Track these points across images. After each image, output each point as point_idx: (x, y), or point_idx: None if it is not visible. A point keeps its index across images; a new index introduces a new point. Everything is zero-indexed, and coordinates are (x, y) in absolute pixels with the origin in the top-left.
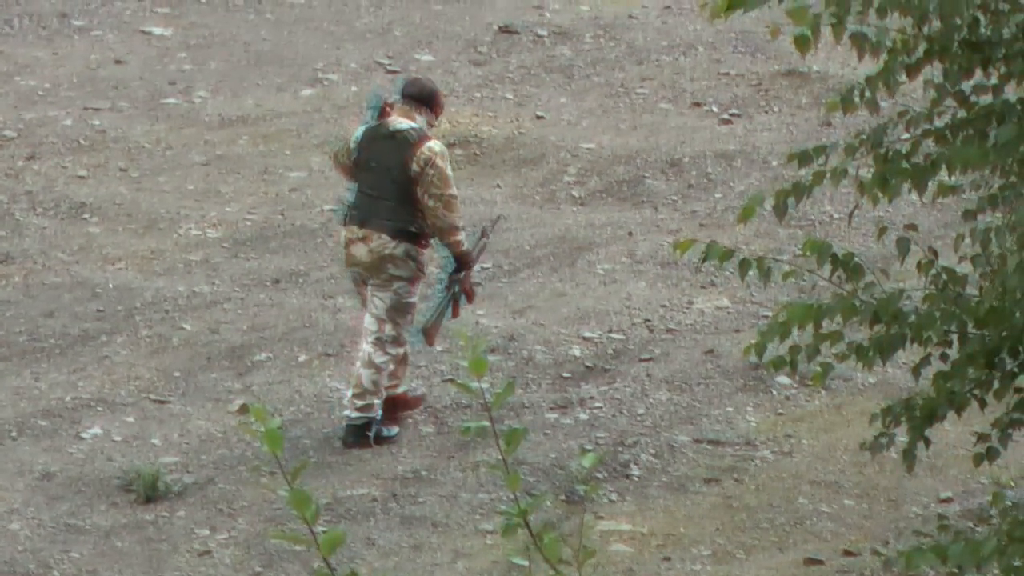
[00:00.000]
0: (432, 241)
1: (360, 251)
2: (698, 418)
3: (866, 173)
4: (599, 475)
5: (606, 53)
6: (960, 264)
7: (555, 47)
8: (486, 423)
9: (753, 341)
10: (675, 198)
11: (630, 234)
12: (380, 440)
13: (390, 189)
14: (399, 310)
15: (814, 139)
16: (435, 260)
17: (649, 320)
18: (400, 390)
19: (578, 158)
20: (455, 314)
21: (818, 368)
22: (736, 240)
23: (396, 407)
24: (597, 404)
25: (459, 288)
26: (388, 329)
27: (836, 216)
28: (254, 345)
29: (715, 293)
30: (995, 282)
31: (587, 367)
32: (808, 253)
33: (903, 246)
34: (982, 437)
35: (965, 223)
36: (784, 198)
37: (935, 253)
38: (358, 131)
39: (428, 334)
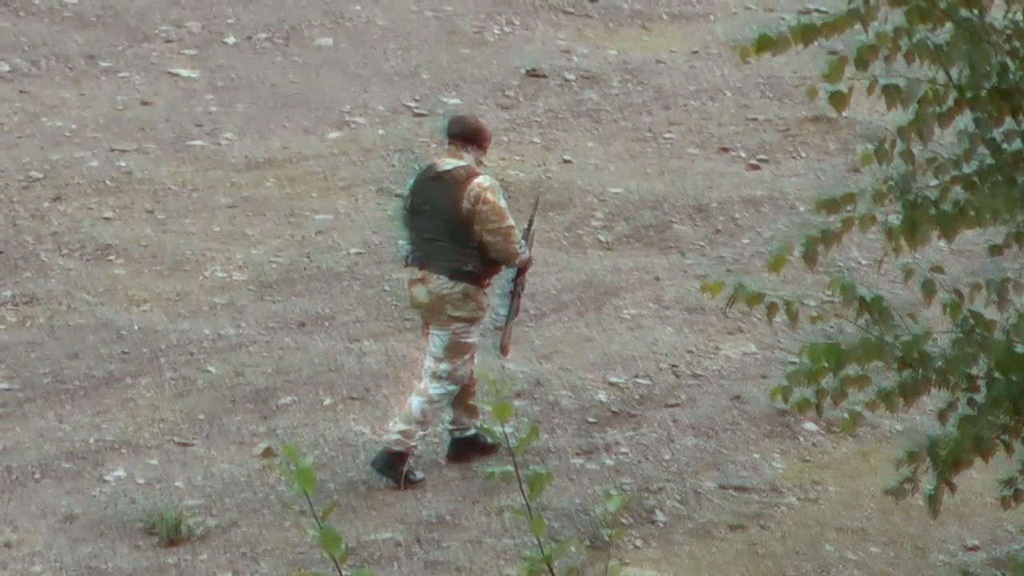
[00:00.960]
0: (491, 279)
1: (420, 292)
2: (724, 464)
3: (894, 219)
4: (624, 521)
5: (633, 97)
6: (987, 308)
7: (582, 91)
8: (510, 468)
9: (780, 385)
10: (702, 243)
11: (657, 279)
12: (408, 482)
13: (444, 230)
14: (455, 350)
15: (842, 184)
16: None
17: (675, 366)
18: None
19: (605, 202)
20: (516, 312)
21: (845, 413)
22: (763, 287)
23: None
24: (623, 449)
25: (520, 288)
26: (443, 365)
27: (864, 262)
28: (279, 388)
29: (742, 339)
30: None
31: (613, 412)
32: (834, 293)
33: (929, 289)
34: (1008, 482)
35: (991, 257)
36: (814, 246)
37: (961, 296)
38: (409, 179)
39: (502, 348)
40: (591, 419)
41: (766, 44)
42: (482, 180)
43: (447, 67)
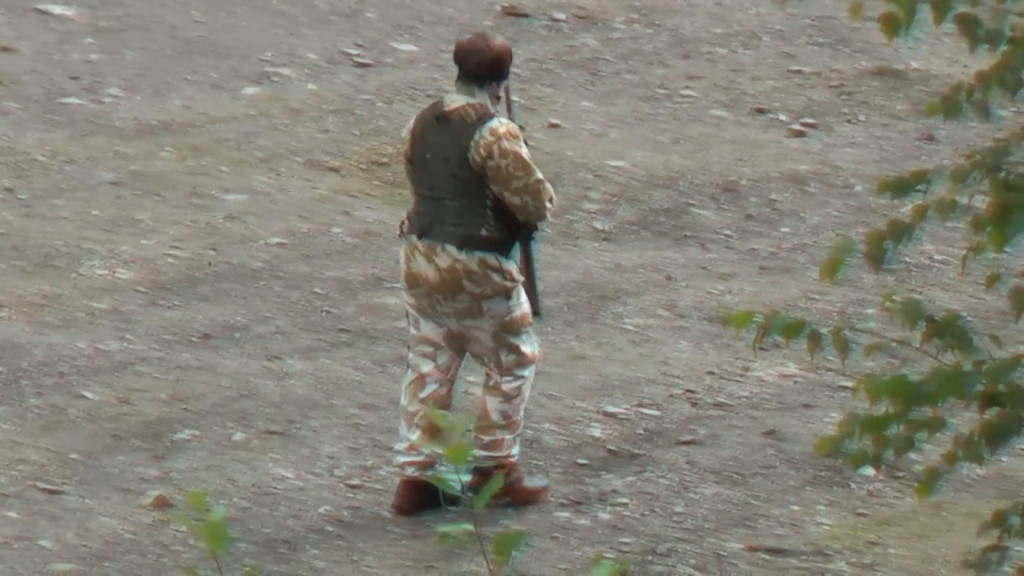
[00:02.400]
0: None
1: (424, 267)
2: (755, 519)
3: (980, 204)
4: None
5: (643, 44)
6: None
7: (576, 35)
8: (469, 526)
9: (826, 435)
10: (729, 233)
11: (669, 279)
12: (525, 495)
13: (452, 186)
14: (508, 330)
15: (912, 158)
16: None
17: (693, 392)
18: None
19: (604, 179)
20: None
21: (914, 465)
22: (808, 288)
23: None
24: (622, 500)
25: (530, 234)
26: (505, 355)
27: (938, 258)
28: (176, 420)
29: (779, 357)
30: None
31: (610, 451)
32: (895, 314)
33: (1019, 298)
34: None
35: None
36: (879, 241)
37: None
38: (410, 121)
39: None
40: (582, 460)
41: None
42: (495, 124)
43: (400, 4)
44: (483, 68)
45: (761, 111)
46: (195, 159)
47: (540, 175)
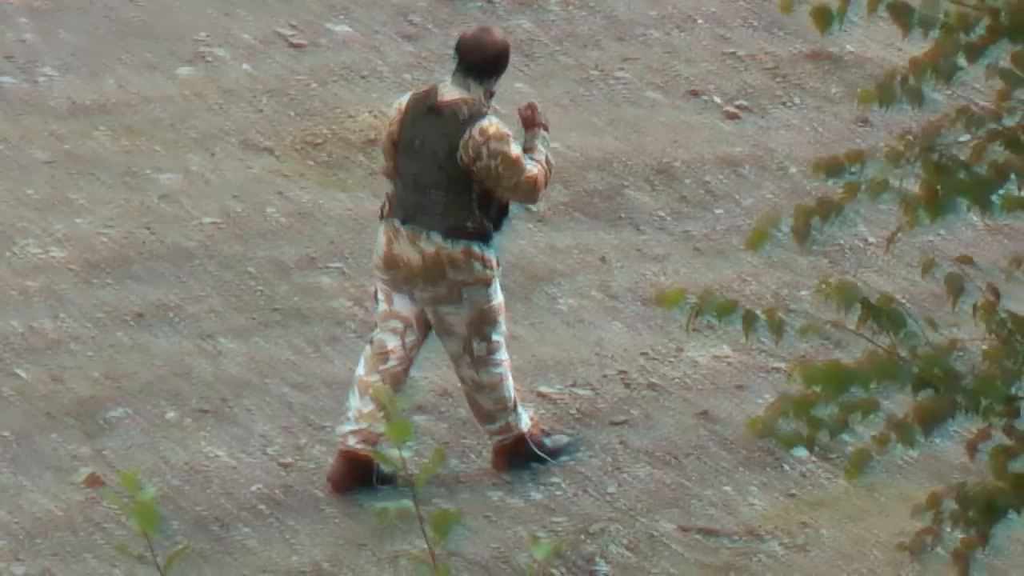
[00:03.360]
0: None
1: (407, 252)
2: (687, 500)
3: (913, 186)
4: (556, 573)
5: (577, 26)
6: None
7: (511, 17)
8: (408, 503)
9: (758, 415)
10: (663, 215)
11: (603, 260)
12: (548, 452)
13: (438, 178)
14: (483, 320)
15: (847, 141)
16: None
17: (626, 373)
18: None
19: None
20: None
21: (847, 447)
22: (743, 270)
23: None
24: (555, 479)
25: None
26: (477, 344)
27: (872, 241)
28: (109, 398)
29: (712, 339)
30: None
31: (543, 432)
32: (830, 296)
33: (955, 284)
34: None
35: None
36: (807, 218)
37: (997, 293)
38: (403, 97)
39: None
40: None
41: None
42: (485, 124)
43: None
44: (486, 63)
45: (695, 94)
46: (129, 139)
47: (531, 170)
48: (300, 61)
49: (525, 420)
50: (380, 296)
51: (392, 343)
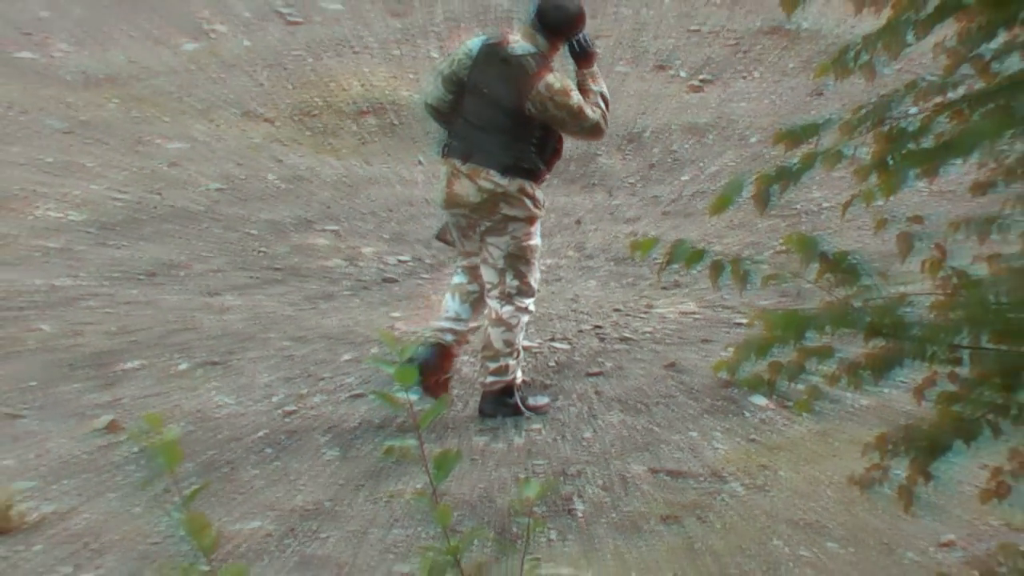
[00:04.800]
0: (548, 175)
1: (466, 189)
2: (656, 444)
3: (865, 154)
4: (536, 510)
5: None
6: (974, 264)
7: None
8: (412, 442)
9: (725, 356)
10: (633, 180)
11: (578, 223)
12: (530, 407)
13: (501, 122)
14: (519, 256)
15: (803, 111)
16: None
17: (600, 327)
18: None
19: None
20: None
21: (802, 388)
22: (707, 232)
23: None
24: (535, 426)
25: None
26: (510, 279)
27: (827, 205)
28: (124, 351)
29: (680, 296)
30: (1011, 289)
31: (524, 382)
32: (792, 249)
33: (905, 243)
34: (995, 471)
35: (974, 196)
36: (767, 185)
37: (943, 251)
38: (472, 42)
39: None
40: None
41: None
42: (551, 80)
43: None
44: (559, 24)
45: (662, 67)
46: (138, 110)
47: (592, 116)
48: (295, 36)
49: (519, 375)
50: (453, 234)
51: (461, 280)
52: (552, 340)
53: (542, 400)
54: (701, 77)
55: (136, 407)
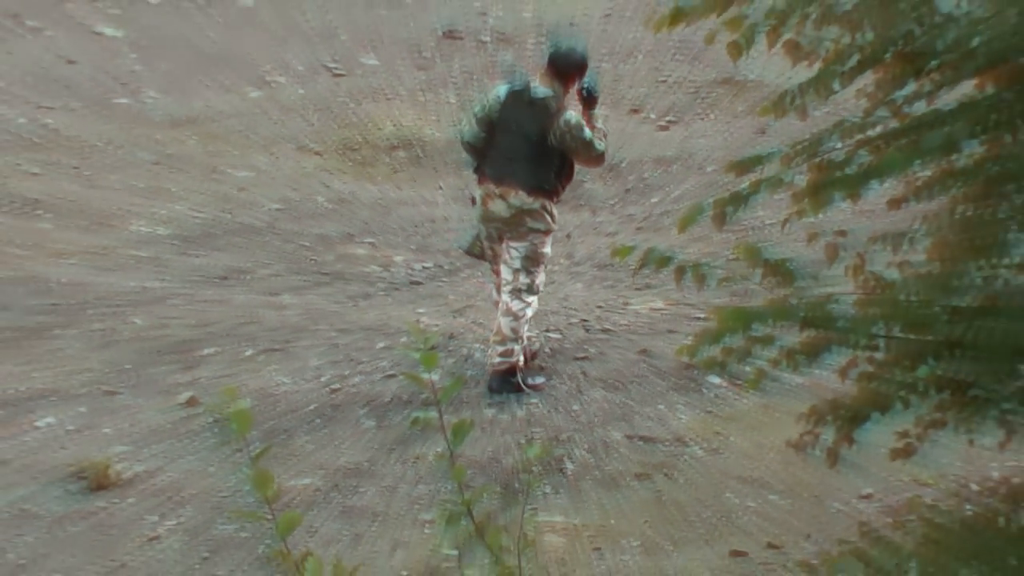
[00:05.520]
0: (562, 193)
1: (499, 207)
2: (631, 416)
3: (801, 181)
4: (534, 469)
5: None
6: (888, 268)
7: (498, 52)
8: (434, 414)
9: (687, 343)
10: (613, 202)
11: (568, 236)
12: (529, 386)
13: (527, 151)
14: (533, 259)
15: (750, 146)
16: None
17: (586, 320)
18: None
19: None
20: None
21: (749, 370)
22: (672, 243)
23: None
24: (533, 401)
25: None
26: (523, 278)
27: (769, 222)
28: (201, 340)
29: (650, 295)
30: (918, 289)
31: (529, 370)
32: (741, 257)
33: (832, 252)
34: (903, 435)
35: (888, 211)
36: (723, 207)
37: (863, 258)
38: (501, 89)
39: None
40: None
41: (680, 17)
42: (568, 117)
43: (365, 27)
44: (571, 70)
45: (636, 111)
46: (213, 145)
47: (599, 147)
48: (340, 86)
49: (521, 359)
50: (483, 242)
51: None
52: (547, 331)
53: (539, 380)
54: (667, 119)
55: (211, 386)
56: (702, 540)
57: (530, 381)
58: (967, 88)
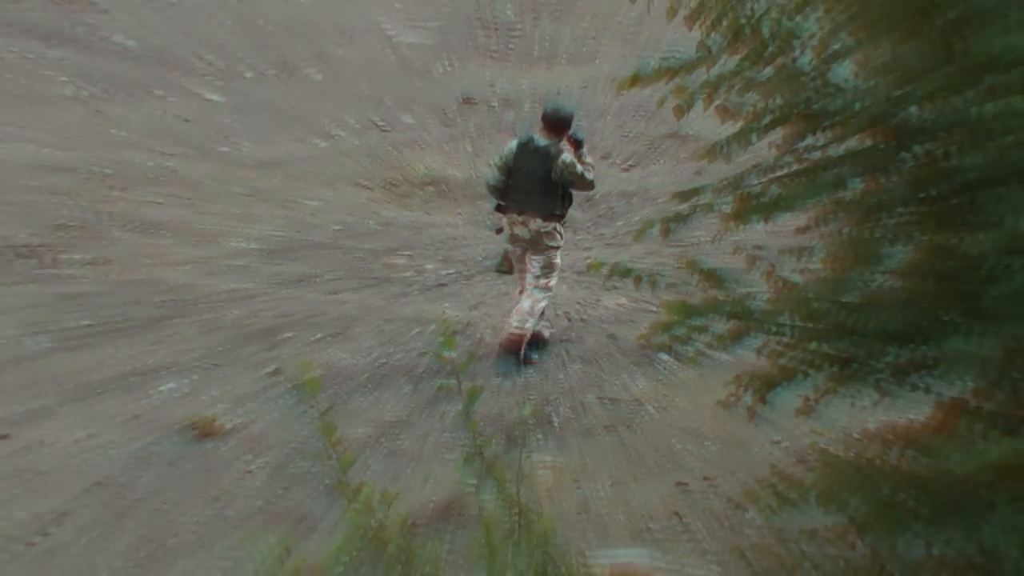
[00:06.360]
0: (566, 216)
1: (522, 231)
2: (602, 383)
3: (727, 207)
4: (529, 423)
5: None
6: (793, 275)
7: (503, 113)
8: (455, 382)
9: (644, 330)
10: (589, 224)
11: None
12: (527, 360)
13: (538, 187)
14: (549, 267)
15: (690, 182)
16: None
17: (568, 313)
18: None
19: None
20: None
21: (690, 350)
22: (633, 256)
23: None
24: (529, 372)
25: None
26: (542, 280)
27: (705, 239)
28: (281, 327)
29: (617, 294)
30: (814, 290)
31: (533, 345)
32: (684, 267)
33: (750, 261)
34: (804, 398)
35: (799, 239)
36: (668, 224)
37: (774, 266)
38: (512, 143)
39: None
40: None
41: (636, 81)
42: (565, 158)
43: (404, 94)
44: (561, 126)
45: (605, 157)
46: (291, 182)
47: (589, 179)
48: (385, 138)
49: (530, 332)
50: (514, 256)
51: (528, 279)
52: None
53: (534, 356)
54: (629, 163)
55: (289, 360)
56: (655, 475)
57: (530, 357)
58: (852, 142)
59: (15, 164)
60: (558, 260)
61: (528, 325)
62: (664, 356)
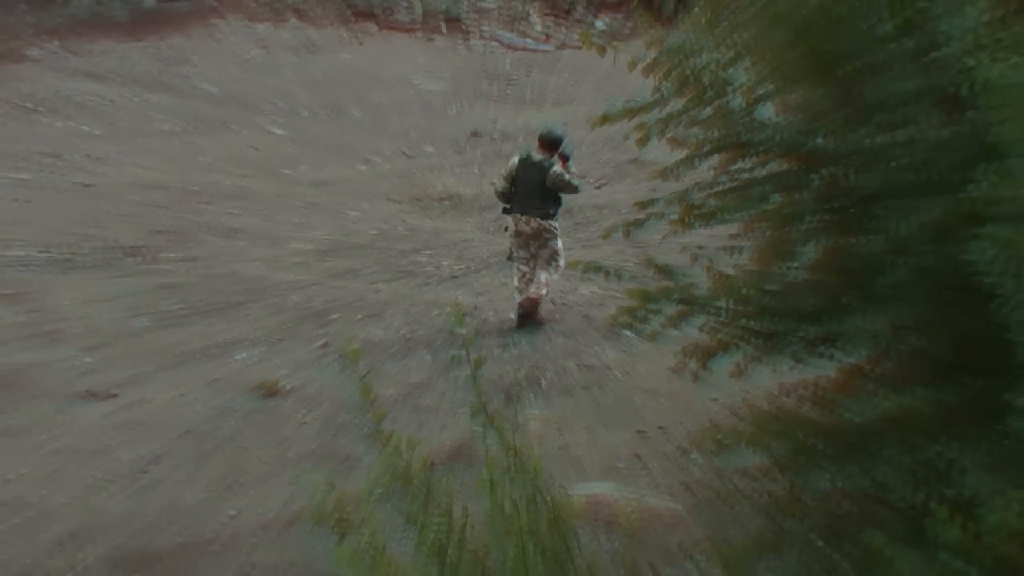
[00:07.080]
0: (559, 213)
1: (526, 228)
2: (579, 353)
3: (675, 215)
4: (523, 384)
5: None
6: (728, 268)
7: (502, 144)
8: (463, 353)
9: (612, 312)
10: (570, 230)
11: None
12: (539, 318)
13: (536, 193)
14: (555, 254)
15: (648, 196)
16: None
17: (553, 299)
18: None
19: None
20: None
21: (648, 328)
22: (604, 254)
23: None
24: (524, 345)
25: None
26: (551, 263)
27: (658, 241)
28: (330, 310)
29: (591, 285)
30: (744, 280)
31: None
32: (643, 263)
33: (694, 258)
34: (736, 364)
35: (732, 240)
36: (629, 228)
37: (712, 262)
38: (515, 158)
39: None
40: (505, 328)
41: (606, 119)
42: (556, 170)
43: (426, 129)
44: (554, 144)
45: (582, 177)
46: (338, 197)
47: (575, 185)
48: (412, 163)
49: (544, 297)
50: (514, 249)
51: (524, 269)
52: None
53: (541, 316)
54: (600, 182)
55: (336, 336)
56: (620, 425)
57: (541, 315)
58: (773, 165)
59: (125, 183)
60: (559, 245)
61: (543, 292)
62: (628, 332)
